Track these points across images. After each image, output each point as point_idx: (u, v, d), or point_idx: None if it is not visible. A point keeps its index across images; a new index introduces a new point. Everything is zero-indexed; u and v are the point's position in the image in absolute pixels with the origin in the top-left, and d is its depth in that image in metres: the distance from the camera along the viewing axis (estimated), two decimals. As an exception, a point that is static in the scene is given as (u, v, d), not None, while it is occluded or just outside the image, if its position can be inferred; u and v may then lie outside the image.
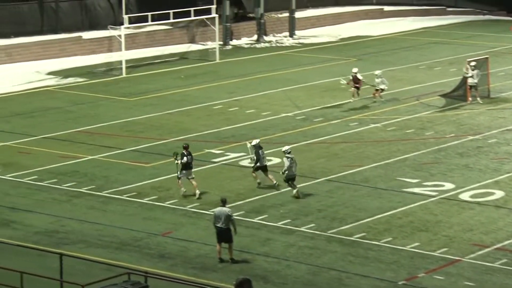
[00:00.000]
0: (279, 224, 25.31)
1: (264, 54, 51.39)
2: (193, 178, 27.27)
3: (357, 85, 38.82)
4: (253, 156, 27.97)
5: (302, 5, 59.96)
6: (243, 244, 23.61)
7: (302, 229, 24.97)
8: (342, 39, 56.20)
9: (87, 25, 52.03)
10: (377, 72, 39.38)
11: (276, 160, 30.79)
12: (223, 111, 37.86)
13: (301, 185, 28.40)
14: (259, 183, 28.19)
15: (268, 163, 28.51)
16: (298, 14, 57.90)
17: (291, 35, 56.67)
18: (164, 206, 26.72)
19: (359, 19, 62.48)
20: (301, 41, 55.63)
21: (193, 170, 27.30)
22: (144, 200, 27.11)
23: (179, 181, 27.26)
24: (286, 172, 27.22)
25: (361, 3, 64.34)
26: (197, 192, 27.08)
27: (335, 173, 29.74)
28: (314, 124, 35.84)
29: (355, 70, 39.34)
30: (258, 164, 27.99)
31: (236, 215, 24.14)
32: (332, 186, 28.59)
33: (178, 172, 27.25)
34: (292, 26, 56.97)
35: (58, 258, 19.29)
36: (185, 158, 27.08)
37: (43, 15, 50.87)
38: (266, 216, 25.88)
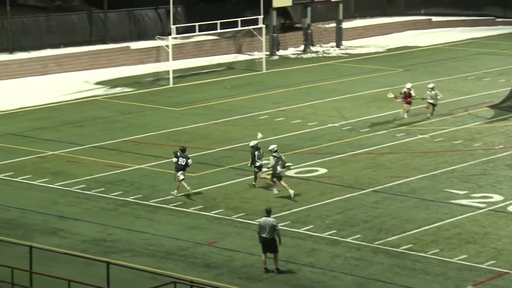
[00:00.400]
0: (325, 234, 25.24)
1: (311, 65, 51.36)
2: (182, 179, 27.84)
3: (407, 100, 37.80)
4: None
5: (349, 16, 59.85)
6: (289, 255, 23.58)
7: (348, 240, 24.87)
8: (389, 50, 55.98)
9: (135, 35, 52.47)
10: (430, 85, 38.50)
11: (322, 171, 30.78)
12: (269, 121, 37.90)
13: (348, 195, 28.36)
14: (254, 185, 28.83)
15: (259, 163, 28.55)
16: (345, 25, 57.82)
17: (338, 45, 56.58)
18: (210, 215, 26.79)
19: (407, 29, 62.18)
20: (348, 51, 55.52)
21: (186, 172, 27.98)
22: (190, 210, 27.20)
23: (179, 182, 27.86)
24: (271, 170, 27.80)
25: (409, 14, 64.03)
26: (189, 188, 27.78)
27: (382, 184, 29.60)
28: (361, 135, 35.72)
29: (409, 85, 38.25)
30: (253, 164, 28.61)
31: (281, 226, 24.14)
32: (379, 197, 28.45)
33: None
34: (339, 37, 56.88)
35: (105, 267, 19.43)
36: (174, 159, 27.95)
37: (92, 25, 51.39)
38: (311, 226, 25.82)
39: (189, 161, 28.17)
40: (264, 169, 28.60)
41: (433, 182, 29.78)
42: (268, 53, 51.84)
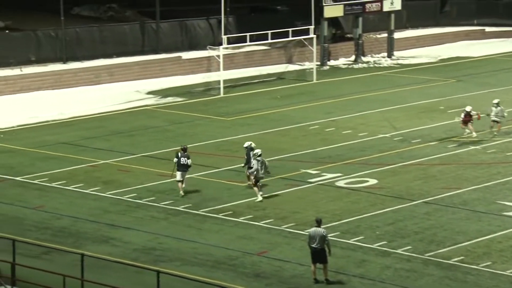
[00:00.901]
0: (375, 245, 25.12)
1: (362, 75, 51.24)
2: (179, 181, 28.61)
3: (468, 119, 36.14)
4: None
5: (401, 26, 59.61)
6: (338, 265, 23.52)
7: (399, 251, 24.72)
8: (442, 60, 55.63)
9: (186, 45, 52.84)
10: (495, 100, 36.96)
11: (372, 181, 30.68)
12: (319, 132, 37.87)
13: (398, 206, 28.22)
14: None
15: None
16: (397, 35, 57.58)
17: (390, 55, 56.37)
18: (260, 225, 26.82)
19: (459, 39, 61.76)
20: (399, 61, 55.29)
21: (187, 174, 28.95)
22: (240, 219, 27.27)
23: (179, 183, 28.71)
24: (254, 173, 28.41)
25: (462, 24, 63.58)
26: (181, 192, 28.80)
27: (433, 195, 29.39)
28: (412, 146, 35.51)
29: (468, 108, 36.25)
30: (248, 165, 29.29)
31: (331, 236, 24.08)
32: (430, 208, 28.25)
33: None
34: (390, 47, 56.68)
35: (155, 275, 19.55)
36: (175, 159, 28.77)
37: (144, 35, 51.88)
38: (362, 237, 25.73)
39: (189, 161, 29.00)
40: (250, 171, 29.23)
41: (485, 194, 29.49)
42: (318, 63, 51.84)
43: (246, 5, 59.73)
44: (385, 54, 56.63)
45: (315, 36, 49.09)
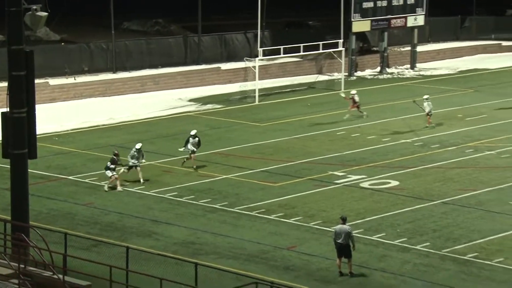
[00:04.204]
0: (396, 242, 25.00)
1: (386, 85, 50.98)
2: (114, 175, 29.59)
3: (355, 105, 39.98)
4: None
5: (423, 40, 59.25)
6: (362, 260, 23.43)
7: (418, 247, 24.59)
8: (461, 72, 55.18)
9: (225, 57, 52.93)
10: (425, 96, 38.79)
11: (394, 183, 30.53)
12: (345, 137, 37.75)
13: (418, 206, 28.08)
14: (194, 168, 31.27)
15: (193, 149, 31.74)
16: (420, 48, 57.25)
17: (412, 67, 56.06)
18: (290, 222, 26.80)
19: (477, 53, 61.25)
20: (421, 73, 54.95)
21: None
22: (272, 217, 27.26)
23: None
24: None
25: (480, 38, 63.05)
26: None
27: (450, 196, 29.18)
28: (431, 150, 35.28)
29: (353, 91, 40.84)
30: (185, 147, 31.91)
31: (355, 233, 24.01)
32: (447, 208, 28.05)
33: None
34: (413, 59, 56.37)
35: (194, 267, 19.60)
36: (108, 163, 29.56)
37: (187, 48, 52.05)
38: (383, 234, 25.61)
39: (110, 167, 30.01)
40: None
41: (499, 195, 29.21)
42: (346, 74, 51.66)
43: (281, 21, 59.73)
44: (408, 66, 56.31)
45: (343, 49, 48.95)
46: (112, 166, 29.75)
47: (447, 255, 23.98)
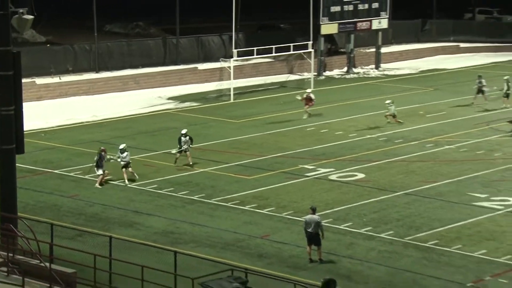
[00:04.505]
0: (362, 230, 25.13)
1: (353, 84, 51.14)
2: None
3: (309, 104, 39.79)
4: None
5: (387, 42, 59.45)
6: (330, 247, 23.53)
7: (382, 235, 24.73)
8: (422, 71, 55.49)
9: (202, 57, 52.79)
10: (388, 101, 38.90)
11: (360, 175, 30.65)
12: (315, 133, 37.83)
13: (382, 197, 28.22)
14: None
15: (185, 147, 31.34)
16: (384, 50, 57.47)
17: (377, 67, 56.28)
18: (263, 213, 26.84)
19: (437, 54, 61.61)
20: (385, 72, 55.18)
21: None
22: (246, 208, 27.29)
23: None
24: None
25: (439, 40, 63.41)
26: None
27: (413, 187, 29.37)
28: (395, 145, 35.47)
29: (308, 90, 40.36)
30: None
31: (324, 222, 24.08)
32: (410, 199, 28.23)
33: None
34: (377, 60, 56.59)
35: (173, 255, 19.59)
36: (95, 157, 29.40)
37: (166, 49, 51.86)
38: (350, 223, 25.74)
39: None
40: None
41: (458, 187, 29.45)
42: (316, 73, 51.76)
43: (254, 23, 59.71)
44: (373, 66, 56.52)
45: (313, 50, 49.01)
46: (101, 163, 29.39)
47: (410, 243, 24.14)
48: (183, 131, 32.11)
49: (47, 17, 48.19)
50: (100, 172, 29.44)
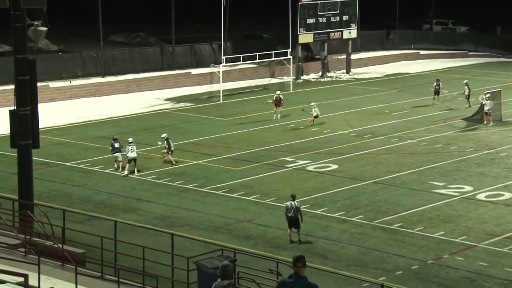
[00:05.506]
0: (336, 215, 25.11)
1: (327, 86, 51.13)
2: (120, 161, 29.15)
3: (279, 104, 39.14)
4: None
5: (356, 49, 59.54)
6: (308, 230, 23.49)
7: (354, 219, 24.72)
8: (387, 75, 55.56)
9: (195, 63, 52.59)
10: (313, 103, 38.54)
11: (334, 166, 30.61)
12: (294, 129, 37.78)
13: (353, 185, 28.21)
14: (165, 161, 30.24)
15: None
16: (353, 56, 57.51)
17: (348, 72, 56.29)
18: (249, 199, 26.77)
19: (400, 60, 61.73)
20: (355, 76, 55.21)
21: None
22: (234, 195, 27.20)
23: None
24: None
25: (402, 48, 63.56)
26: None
27: (380, 177, 29.37)
28: (364, 140, 35.48)
29: (278, 91, 39.94)
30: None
31: (303, 208, 24.07)
32: (377, 187, 28.24)
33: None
34: (348, 65, 56.61)
35: (170, 237, 19.50)
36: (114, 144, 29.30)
37: (163, 56, 51.62)
38: (326, 209, 25.71)
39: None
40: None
41: (419, 176, 29.49)
42: (294, 77, 51.72)
43: (240, 34, 59.59)
44: (344, 70, 56.53)
45: (291, 57, 48.97)
46: (117, 145, 29.04)
47: (377, 225, 24.14)
48: (164, 135, 31.08)
49: (59, 28, 47.81)
50: (119, 156, 29.19)
